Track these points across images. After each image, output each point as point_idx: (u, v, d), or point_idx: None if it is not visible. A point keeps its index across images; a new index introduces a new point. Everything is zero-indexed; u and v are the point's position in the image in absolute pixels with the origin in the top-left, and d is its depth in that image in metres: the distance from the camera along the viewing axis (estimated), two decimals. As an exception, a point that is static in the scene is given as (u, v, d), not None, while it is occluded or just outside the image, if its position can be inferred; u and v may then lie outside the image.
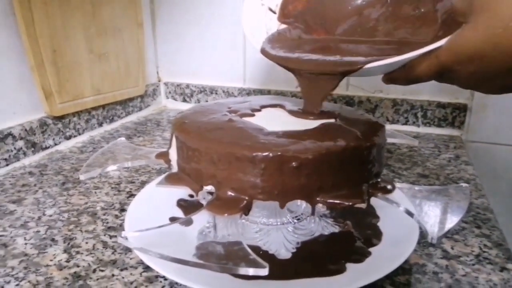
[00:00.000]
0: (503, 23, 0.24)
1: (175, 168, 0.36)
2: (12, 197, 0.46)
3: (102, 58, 0.68)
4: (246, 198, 0.31)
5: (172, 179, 0.34)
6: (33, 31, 0.55)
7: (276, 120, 0.37)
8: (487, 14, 0.25)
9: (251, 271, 0.24)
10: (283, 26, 0.43)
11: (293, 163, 0.29)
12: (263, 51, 0.39)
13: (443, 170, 0.55)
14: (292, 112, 0.38)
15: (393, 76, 0.32)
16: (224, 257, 0.26)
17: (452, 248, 0.37)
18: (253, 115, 0.38)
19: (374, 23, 0.39)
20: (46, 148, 0.60)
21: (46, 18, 0.56)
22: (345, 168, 0.31)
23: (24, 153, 0.56)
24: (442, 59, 0.28)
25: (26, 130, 0.56)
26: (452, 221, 0.30)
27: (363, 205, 0.30)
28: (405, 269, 0.34)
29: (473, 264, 0.34)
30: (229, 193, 0.31)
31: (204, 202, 0.39)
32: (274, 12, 0.43)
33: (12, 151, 0.54)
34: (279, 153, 0.29)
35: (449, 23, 0.30)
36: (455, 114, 0.71)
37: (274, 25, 0.43)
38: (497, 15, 0.24)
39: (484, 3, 0.25)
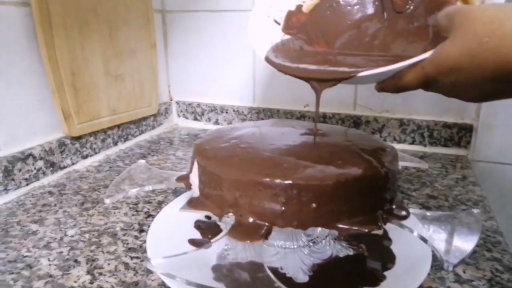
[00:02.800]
0: (477, 39, 0.27)
1: (196, 193, 0.37)
2: (34, 217, 0.48)
3: (118, 79, 0.70)
4: (267, 224, 0.32)
5: (195, 204, 0.35)
6: (54, 55, 0.57)
7: (293, 144, 0.38)
8: (464, 31, 0.28)
9: (276, 298, 0.26)
10: (287, 36, 0.46)
11: (313, 191, 0.30)
12: (267, 59, 0.42)
13: (451, 191, 0.57)
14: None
15: (383, 85, 0.35)
16: (251, 284, 0.27)
17: (464, 272, 0.38)
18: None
19: (371, 37, 0.41)
20: (64, 167, 0.62)
21: (67, 42, 0.58)
22: (362, 195, 0.32)
23: (44, 173, 0.58)
24: (426, 70, 0.30)
25: (45, 150, 0.58)
26: (467, 248, 0.31)
27: (379, 232, 0.31)
28: (419, 292, 0.35)
29: (485, 288, 0.36)
30: (251, 219, 0.32)
31: (221, 224, 0.41)
32: (279, 24, 0.46)
33: (32, 171, 0.56)
34: (300, 182, 0.30)
35: (437, 37, 0.32)
36: (461, 134, 0.72)
37: (278, 35, 0.46)
38: (473, 32, 0.27)
39: (463, 20, 0.28)
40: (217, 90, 0.87)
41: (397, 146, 0.75)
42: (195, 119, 0.91)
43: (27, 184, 0.56)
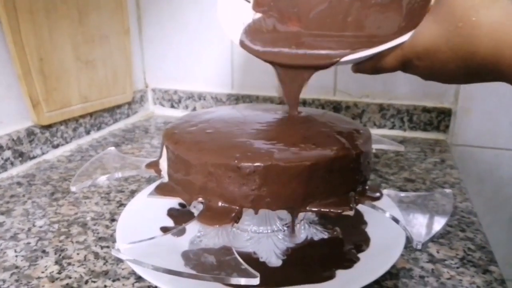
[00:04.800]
0: (454, 22, 0.26)
1: (165, 178, 0.36)
2: (0, 209, 0.46)
3: (89, 66, 0.68)
4: (237, 208, 0.31)
5: (163, 190, 0.34)
6: (20, 39, 0.54)
7: (264, 127, 0.37)
8: (445, 10, 0.26)
9: (242, 281, 0.25)
10: (258, 15, 0.43)
11: (284, 173, 0.30)
12: (242, 44, 0.40)
13: (429, 174, 0.57)
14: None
15: (361, 67, 0.34)
16: (217, 267, 0.26)
17: (438, 252, 0.38)
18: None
19: (344, 14, 0.40)
20: (34, 157, 0.60)
21: (33, 26, 0.56)
22: (333, 176, 0.32)
23: (12, 163, 0.56)
24: (405, 51, 0.29)
25: (13, 139, 0.56)
26: (436, 227, 0.30)
27: (351, 213, 0.31)
28: (392, 273, 0.34)
29: (458, 267, 0.36)
30: (220, 203, 0.31)
31: (194, 211, 0.40)
32: (249, 1, 0.44)
33: (-1, 161, 0.54)
34: (269, 163, 0.29)
35: (413, 13, 0.31)
36: (440, 118, 0.72)
37: (249, 15, 0.43)
38: (451, 13, 0.26)
39: None
40: (194, 76, 0.86)
41: (377, 131, 0.75)
42: (172, 106, 0.89)
43: (-6, 175, 0.54)
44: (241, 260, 0.26)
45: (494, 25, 0.24)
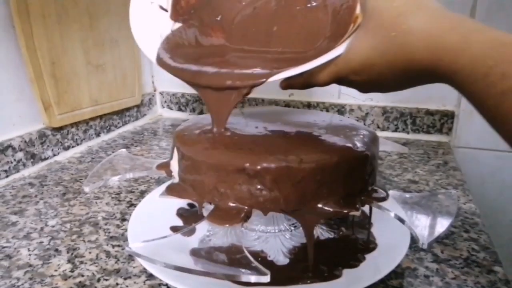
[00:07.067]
0: (386, 33, 0.25)
1: (176, 179, 0.37)
2: (13, 209, 0.47)
3: (99, 69, 0.69)
4: (246, 208, 0.32)
5: (174, 191, 0.35)
6: (32, 43, 0.56)
7: (272, 130, 0.38)
8: (374, 22, 0.26)
9: (253, 278, 0.26)
10: (178, 25, 0.39)
11: (292, 175, 0.30)
12: (160, 61, 0.36)
13: (432, 176, 0.57)
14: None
15: (291, 83, 0.33)
16: (228, 264, 0.27)
17: (442, 252, 0.38)
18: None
19: (269, 23, 0.37)
20: (45, 159, 0.61)
21: (45, 31, 0.57)
22: (340, 178, 0.33)
23: (24, 164, 0.57)
24: (339, 67, 0.28)
25: (25, 141, 0.57)
26: (441, 226, 0.31)
27: (357, 213, 0.32)
28: (397, 273, 0.35)
29: (462, 267, 0.36)
30: (230, 204, 0.32)
31: (203, 212, 0.41)
32: (166, 10, 0.39)
33: (12, 162, 0.55)
34: (279, 166, 0.30)
35: (339, 22, 0.29)
36: (443, 121, 0.73)
37: (168, 25, 0.38)
38: (381, 24, 0.25)
39: (374, 8, 0.26)
40: (201, 80, 0.87)
41: (381, 134, 0.75)
42: (180, 109, 0.90)
43: (7, 176, 0.55)
44: (251, 258, 0.27)
45: (425, 30, 0.23)
